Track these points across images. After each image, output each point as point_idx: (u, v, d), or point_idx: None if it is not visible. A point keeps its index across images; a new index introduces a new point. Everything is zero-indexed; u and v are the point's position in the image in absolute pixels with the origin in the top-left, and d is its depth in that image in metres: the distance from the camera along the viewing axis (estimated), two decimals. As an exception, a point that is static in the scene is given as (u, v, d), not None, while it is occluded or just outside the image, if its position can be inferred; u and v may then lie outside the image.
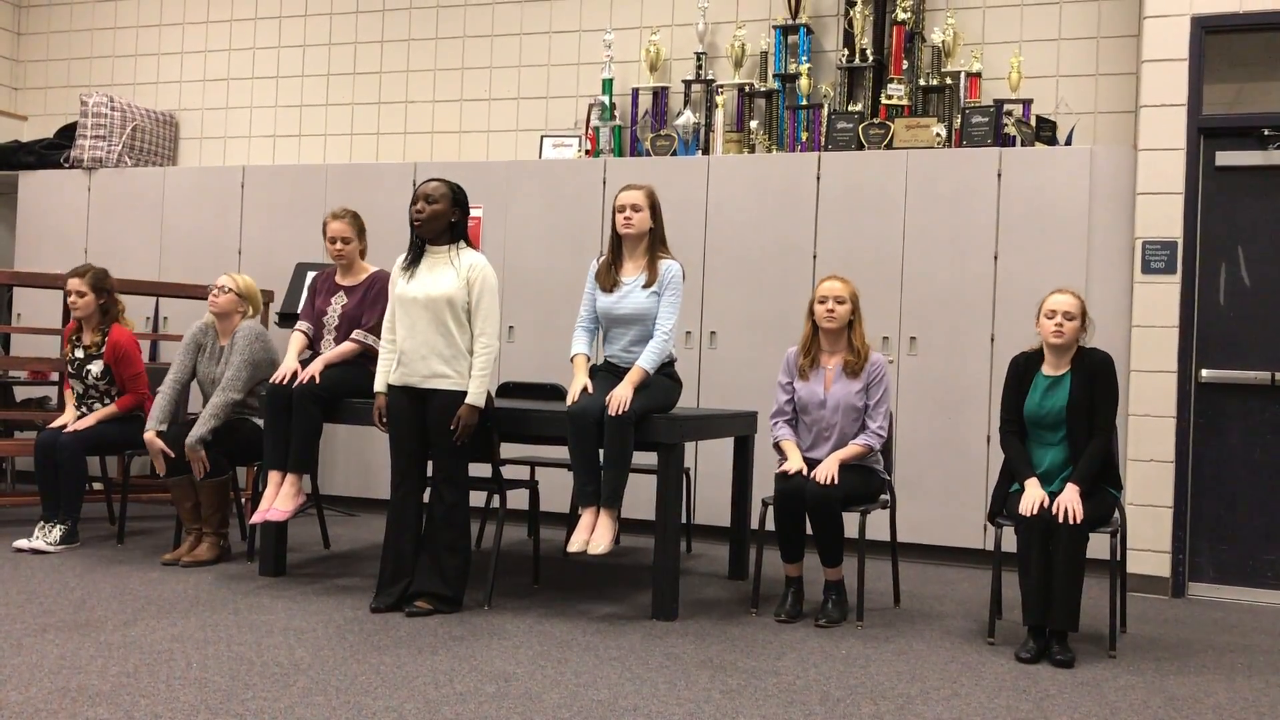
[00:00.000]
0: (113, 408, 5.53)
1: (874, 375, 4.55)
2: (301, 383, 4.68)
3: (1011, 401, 4.32)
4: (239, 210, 7.24)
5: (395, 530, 4.41)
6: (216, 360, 5.35)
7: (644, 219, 4.54)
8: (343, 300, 5.04)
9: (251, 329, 5.26)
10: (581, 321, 4.68)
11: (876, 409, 4.53)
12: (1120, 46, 6.15)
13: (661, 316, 4.50)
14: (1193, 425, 5.35)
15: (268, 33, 7.94)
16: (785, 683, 3.58)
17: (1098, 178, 5.64)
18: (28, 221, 7.70)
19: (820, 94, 6.50)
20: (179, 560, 5.09)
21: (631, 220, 4.52)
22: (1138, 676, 3.86)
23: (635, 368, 4.42)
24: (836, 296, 4.53)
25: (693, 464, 6.14)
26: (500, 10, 7.39)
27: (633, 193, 4.55)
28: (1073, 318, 4.20)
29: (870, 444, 4.51)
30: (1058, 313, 4.21)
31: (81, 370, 5.55)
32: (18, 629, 3.86)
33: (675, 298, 4.52)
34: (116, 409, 5.53)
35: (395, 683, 3.40)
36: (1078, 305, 4.23)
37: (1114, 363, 4.25)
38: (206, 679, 3.36)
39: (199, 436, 5.07)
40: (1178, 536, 5.32)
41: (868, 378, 4.54)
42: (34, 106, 8.56)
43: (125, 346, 5.54)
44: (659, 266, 4.54)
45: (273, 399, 4.74)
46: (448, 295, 4.29)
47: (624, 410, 4.27)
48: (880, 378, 4.56)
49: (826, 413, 4.53)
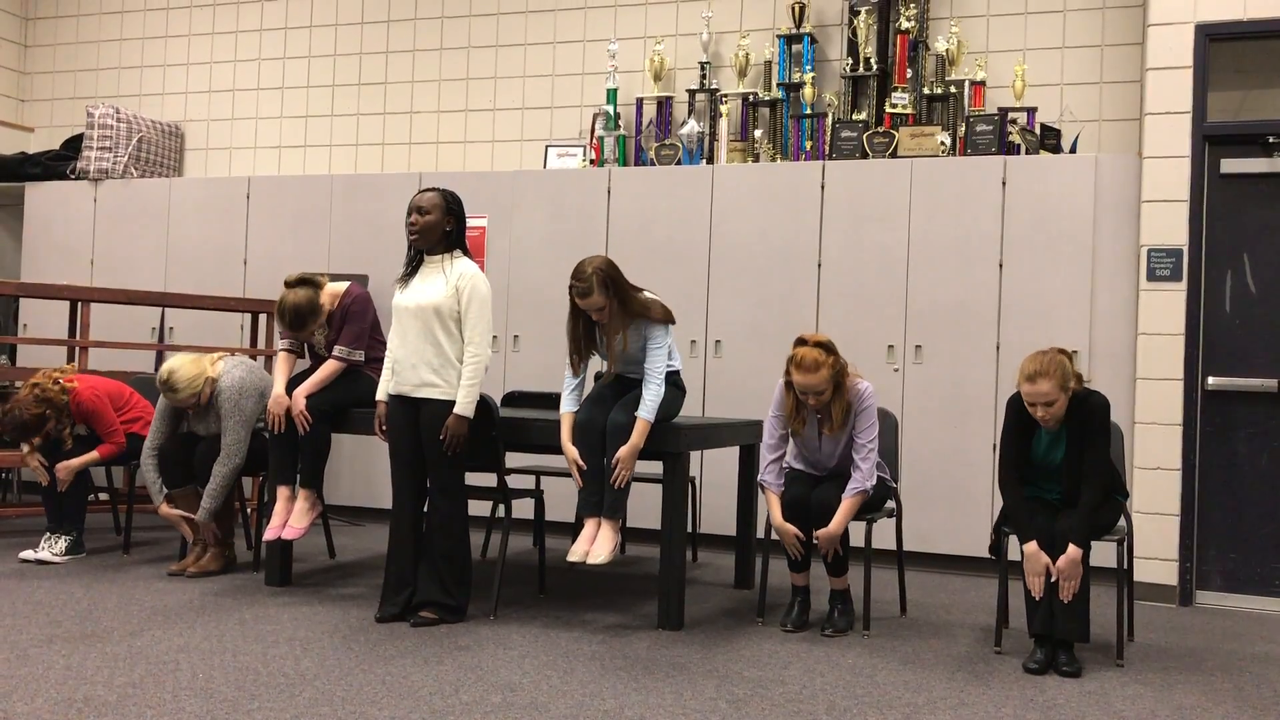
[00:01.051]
0: (94, 454, 5.36)
1: (858, 407, 4.36)
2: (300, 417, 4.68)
3: (1011, 446, 4.13)
4: (244, 221, 7.26)
5: (397, 540, 4.41)
6: (205, 416, 5.20)
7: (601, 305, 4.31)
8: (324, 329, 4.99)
9: (230, 389, 5.06)
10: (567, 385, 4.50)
11: (863, 447, 4.34)
12: (1124, 54, 6.15)
13: (650, 358, 4.35)
14: (1199, 433, 5.34)
15: (273, 44, 7.97)
16: (791, 692, 3.58)
17: (1102, 186, 5.63)
18: (34, 233, 7.72)
19: (824, 103, 6.51)
20: (185, 570, 5.09)
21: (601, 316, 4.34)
22: (1145, 686, 3.84)
23: (639, 421, 4.29)
24: (815, 390, 4.27)
25: (698, 473, 6.13)
26: (505, 21, 7.41)
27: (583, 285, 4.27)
28: (1053, 400, 3.93)
29: (863, 488, 4.33)
30: (1037, 405, 3.96)
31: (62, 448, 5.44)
32: (24, 640, 3.86)
33: (661, 340, 4.36)
34: (98, 455, 5.36)
35: (401, 693, 3.39)
36: (1054, 384, 3.92)
37: (1108, 406, 4.03)
38: (213, 689, 3.36)
39: (210, 511, 5.06)
40: (1185, 545, 5.30)
41: (855, 417, 4.37)
42: (40, 118, 8.59)
43: (90, 405, 5.35)
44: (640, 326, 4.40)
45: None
46: (435, 304, 4.29)
47: (623, 486, 4.27)
48: (865, 409, 4.36)
49: (823, 456, 4.47)
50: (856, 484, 4.33)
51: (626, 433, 4.28)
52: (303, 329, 4.79)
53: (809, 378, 4.26)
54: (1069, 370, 3.98)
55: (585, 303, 4.29)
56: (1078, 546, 3.93)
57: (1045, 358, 3.97)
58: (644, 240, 6.36)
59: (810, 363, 4.25)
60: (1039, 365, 3.95)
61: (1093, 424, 4.00)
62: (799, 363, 4.27)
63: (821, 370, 4.24)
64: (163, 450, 5.16)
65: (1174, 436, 5.31)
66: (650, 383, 4.33)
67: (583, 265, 4.27)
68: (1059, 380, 3.94)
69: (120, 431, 5.42)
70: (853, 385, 4.37)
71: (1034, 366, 3.96)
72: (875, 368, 5.91)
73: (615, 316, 4.33)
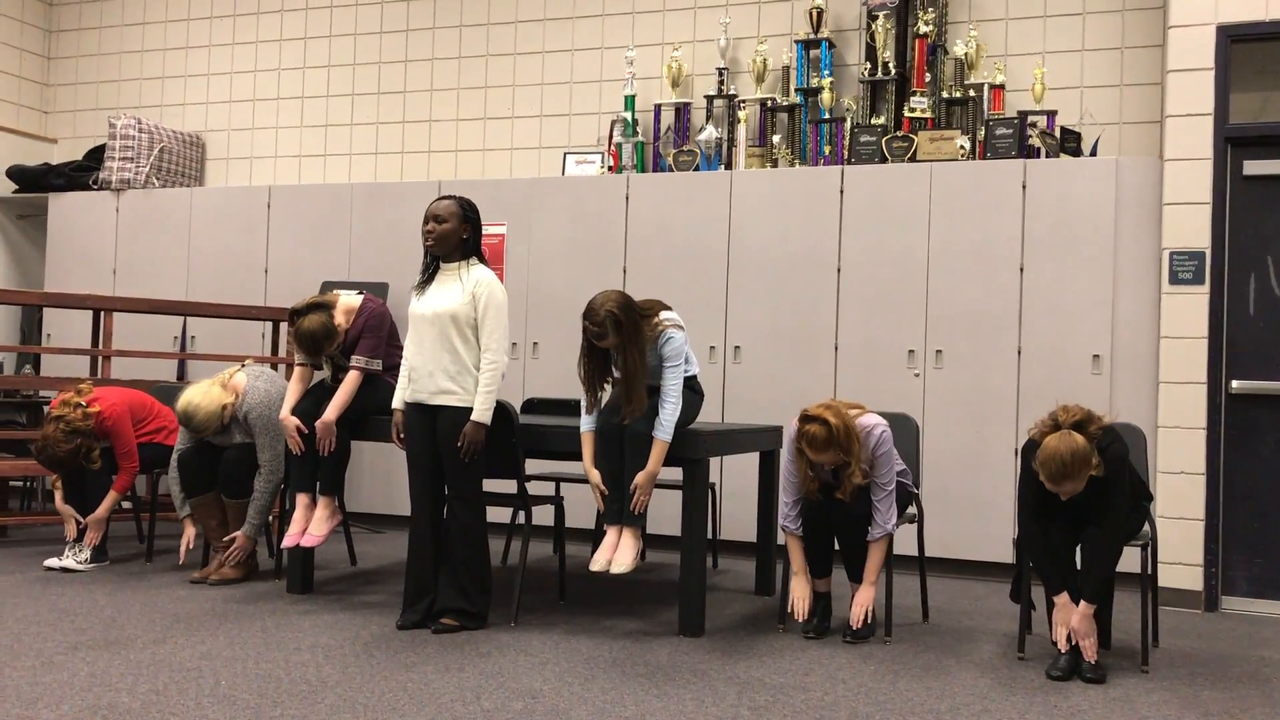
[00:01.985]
0: (113, 495, 5.36)
1: (874, 453, 4.27)
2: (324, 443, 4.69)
3: (1030, 494, 3.98)
4: (265, 230, 7.30)
5: (417, 547, 4.42)
6: (225, 431, 5.21)
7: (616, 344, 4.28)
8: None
9: (257, 406, 5.11)
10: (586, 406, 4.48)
11: (881, 489, 4.28)
12: (1145, 57, 6.12)
13: (667, 378, 4.32)
14: (1223, 437, 5.30)
15: (293, 54, 8.02)
16: (813, 699, 3.56)
17: (1123, 189, 5.60)
18: (57, 243, 7.79)
19: (843, 108, 6.50)
20: (207, 578, 5.12)
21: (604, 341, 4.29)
22: (1171, 692, 3.81)
23: (656, 442, 4.27)
24: (828, 464, 4.24)
25: (718, 479, 6.12)
26: (523, 29, 7.43)
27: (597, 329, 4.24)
28: (1079, 474, 3.76)
29: (886, 532, 4.29)
30: (1062, 493, 3.83)
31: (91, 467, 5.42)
32: (49, 647, 3.89)
33: (676, 358, 4.34)
34: (117, 495, 5.37)
35: (422, 700, 3.40)
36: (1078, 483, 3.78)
37: (1125, 454, 3.88)
38: (235, 696, 3.37)
39: (258, 528, 5.11)
40: (1209, 549, 5.26)
41: (873, 470, 4.30)
42: (63, 129, 8.67)
43: (111, 423, 5.35)
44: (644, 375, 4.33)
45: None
46: (452, 311, 4.30)
47: (642, 511, 4.28)
48: (881, 455, 4.27)
49: (847, 497, 4.36)
50: (879, 529, 4.30)
51: (645, 442, 4.28)
52: (319, 354, 4.82)
53: (821, 456, 4.20)
54: (1091, 459, 3.78)
55: (600, 344, 4.29)
56: (1089, 603, 3.89)
57: (1070, 455, 3.73)
58: (662, 246, 6.36)
59: (820, 442, 4.15)
60: (1064, 467, 3.73)
61: (1113, 468, 3.85)
62: (809, 442, 4.17)
63: (831, 448, 4.16)
64: (183, 458, 5.19)
65: (1197, 441, 5.27)
66: (666, 402, 4.30)
67: (596, 307, 4.23)
68: (1084, 477, 3.78)
69: (134, 454, 5.41)
70: (864, 434, 4.26)
71: (1058, 468, 3.74)
72: (895, 373, 5.89)
73: (630, 350, 4.27)
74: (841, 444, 4.17)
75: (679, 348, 4.36)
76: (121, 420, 5.39)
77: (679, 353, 4.36)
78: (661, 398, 4.31)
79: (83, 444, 5.28)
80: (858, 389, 5.91)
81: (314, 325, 4.72)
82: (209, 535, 5.29)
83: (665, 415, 4.29)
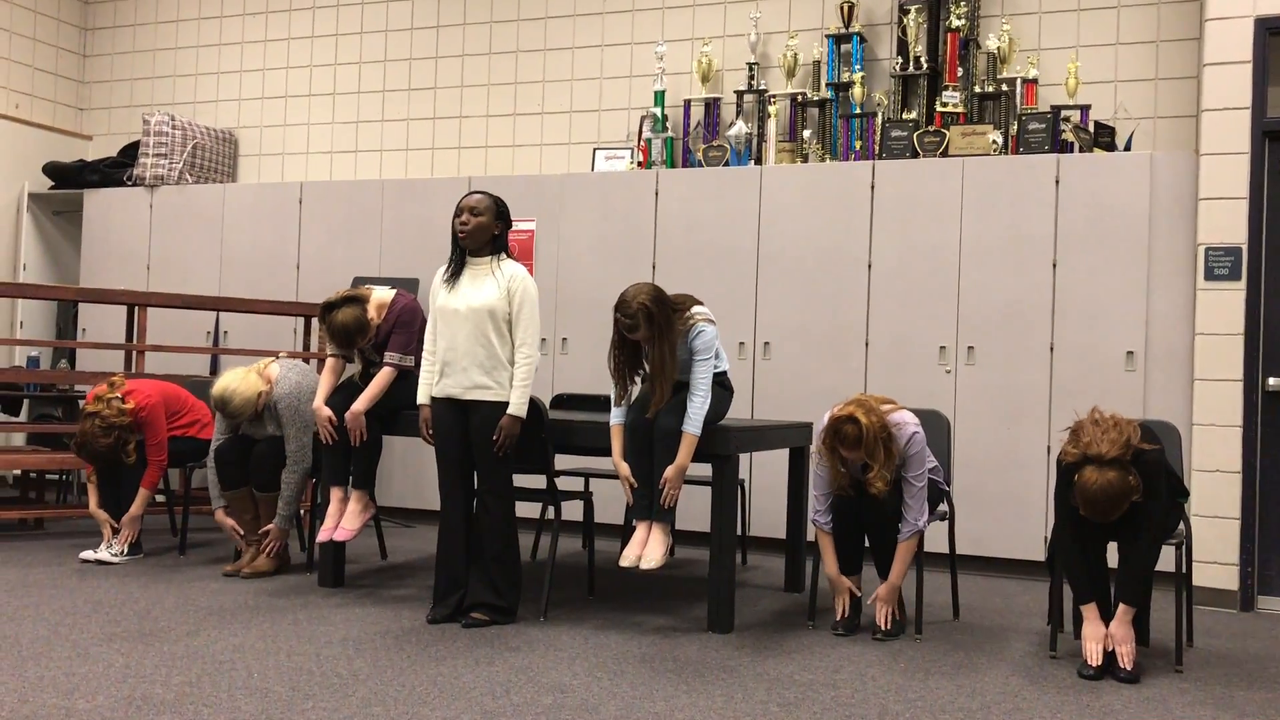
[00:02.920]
0: (145, 492, 5.42)
1: (906, 452, 4.27)
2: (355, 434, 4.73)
3: (1066, 511, 3.93)
4: (297, 225, 7.34)
5: (446, 542, 4.43)
6: (258, 421, 5.26)
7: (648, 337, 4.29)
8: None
9: (286, 396, 5.14)
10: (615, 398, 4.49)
11: (912, 485, 4.28)
12: (1180, 50, 6.05)
13: (696, 370, 4.30)
14: (1260, 435, 5.23)
15: (324, 51, 8.06)
16: (843, 696, 3.55)
17: (1158, 183, 5.54)
18: (92, 238, 7.87)
19: (874, 102, 6.46)
20: (240, 571, 5.16)
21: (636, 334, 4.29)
22: (1205, 692, 3.77)
23: (686, 436, 4.26)
24: (860, 460, 4.24)
25: (748, 475, 6.11)
26: (553, 25, 7.43)
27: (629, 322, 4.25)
28: (1120, 507, 3.72)
29: (916, 529, 4.28)
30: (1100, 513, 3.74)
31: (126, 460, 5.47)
32: (85, 638, 3.93)
33: (706, 351, 4.33)
34: (148, 491, 5.43)
35: (453, 693, 3.41)
36: (1117, 509, 3.70)
37: (1162, 461, 3.85)
38: (268, 689, 3.40)
39: (288, 519, 5.15)
40: (1245, 548, 5.20)
41: (902, 456, 4.28)
42: (98, 126, 8.75)
43: (145, 415, 5.41)
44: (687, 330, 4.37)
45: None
46: (490, 306, 4.31)
47: (672, 505, 4.27)
48: (914, 455, 4.27)
49: (878, 493, 4.32)
50: (909, 528, 4.28)
51: (673, 437, 4.27)
52: (352, 347, 4.84)
53: (853, 454, 4.21)
54: (1130, 492, 3.71)
55: (632, 336, 4.29)
56: (1127, 606, 3.85)
57: (1108, 499, 3.67)
58: (692, 242, 6.35)
59: (852, 440, 4.16)
60: (1105, 507, 3.69)
61: (1150, 483, 3.80)
62: (841, 439, 4.18)
63: (863, 446, 4.16)
64: (219, 452, 5.24)
65: (1233, 438, 5.21)
66: (695, 395, 4.29)
67: (628, 299, 4.23)
68: (1125, 508, 3.73)
69: (164, 447, 5.46)
70: (896, 430, 4.25)
71: (1100, 510, 3.70)
72: (927, 369, 5.86)
73: (661, 343, 4.28)
74: (873, 442, 4.15)
75: (709, 341, 4.35)
76: (155, 411, 5.44)
77: (709, 346, 4.35)
78: (690, 392, 4.30)
79: (120, 437, 5.34)
80: (888, 386, 5.88)
81: (347, 318, 4.75)
82: (242, 528, 5.33)
83: (694, 409, 4.28)
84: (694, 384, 4.31)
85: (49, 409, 7.80)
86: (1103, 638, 3.90)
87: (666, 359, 4.28)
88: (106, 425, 5.29)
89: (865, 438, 4.14)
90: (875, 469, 4.22)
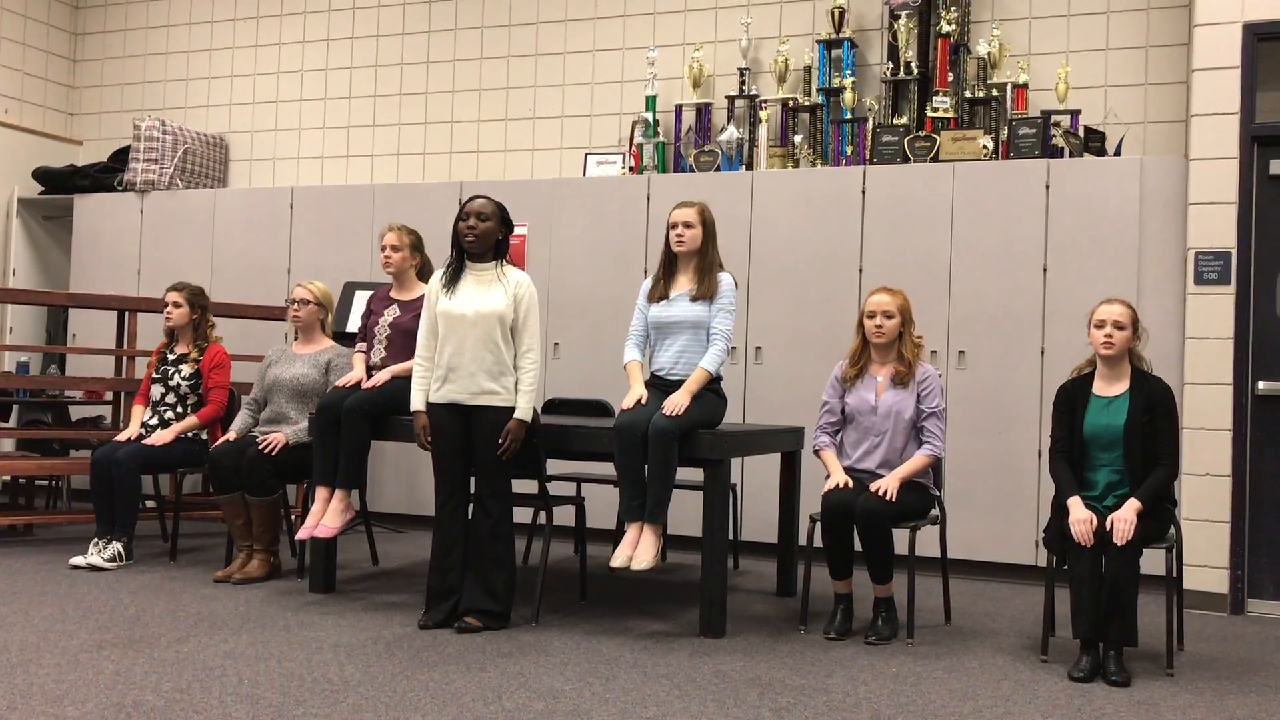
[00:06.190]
0: (193, 419, 5.64)
1: (926, 387, 4.53)
2: (368, 388, 4.78)
3: (1062, 425, 4.25)
4: (288, 231, 7.33)
5: (442, 547, 4.43)
6: (288, 364, 5.42)
7: (696, 235, 4.58)
8: (395, 312, 5.09)
9: (339, 359, 5.41)
10: (632, 335, 4.72)
11: (932, 418, 4.51)
12: (1170, 55, 6.07)
13: (717, 321, 4.54)
14: (1250, 438, 5.25)
15: (315, 56, 8.05)
16: (835, 701, 3.55)
17: (1148, 188, 5.56)
18: (82, 244, 7.85)
19: (865, 108, 6.48)
20: (230, 577, 5.14)
21: (684, 237, 4.58)
22: (1196, 696, 3.78)
23: (698, 369, 4.46)
24: (885, 311, 4.52)
25: (739, 480, 6.11)
26: (544, 30, 7.44)
27: (685, 210, 4.60)
28: (1123, 327, 4.16)
29: (932, 454, 4.49)
30: (1107, 322, 4.16)
31: (169, 375, 5.67)
32: (74, 645, 3.92)
33: (729, 303, 4.58)
34: (197, 420, 5.64)
35: (444, 699, 3.41)
36: (1128, 314, 4.19)
37: (1174, 393, 4.22)
38: (258, 695, 3.39)
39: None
40: (1236, 552, 5.22)
41: (918, 388, 4.52)
42: (88, 131, 8.73)
43: (223, 358, 5.79)
44: (711, 280, 4.57)
45: (321, 415, 4.78)
46: (499, 312, 4.32)
47: (679, 414, 4.28)
48: (932, 390, 4.53)
49: (877, 419, 4.50)
50: (929, 448, 4.49)
51: (670, 436, 4.27)
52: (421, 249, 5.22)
53: (882, 296, 4.54)
54: (1135, 321, 4.21)
55: (680, 213, 4.59)
56: (1139, 501, 3.98)
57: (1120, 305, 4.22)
58: (684, 247, 6.34)
59: (886, 290, 4.59)
60: (1119, 305, 4.20)
61: (1166, 404, 4.15)
62: (876, 289, 4.62)
63: (897, 296, 4.55)
64: (215, 457, 5.23)
65: (1223, 442, 5.23)
66: (716, 341, 4.51)
67: (685, 202, 4.64)
68: (1131, 314, 4.18)
69: (225, 390, 5.73)
70: (921, 361, 4.59)
71: (1114, 305, 4.20)
72: (918, 374, 5.87)
73: (694, 251, 4.59)
74: (907, 308, 4.58)
75: (732, 288, 4.60)
76: (228, 362, 5.81)
77: (731, 291, 4.59)
78: (711, 338, 4.53)
79: (203, 317, 5.79)
80: (880, 390, 5.88)
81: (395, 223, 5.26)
82: (234, 534, 5.31)
83: (715, 350, 4.50)
84: (715, 331, 4.54)
85: (38, 414, 7.77)
86: (1090, 518, 3.96)
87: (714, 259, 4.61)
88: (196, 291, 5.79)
89: (896, 294, 4.55)
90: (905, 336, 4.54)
